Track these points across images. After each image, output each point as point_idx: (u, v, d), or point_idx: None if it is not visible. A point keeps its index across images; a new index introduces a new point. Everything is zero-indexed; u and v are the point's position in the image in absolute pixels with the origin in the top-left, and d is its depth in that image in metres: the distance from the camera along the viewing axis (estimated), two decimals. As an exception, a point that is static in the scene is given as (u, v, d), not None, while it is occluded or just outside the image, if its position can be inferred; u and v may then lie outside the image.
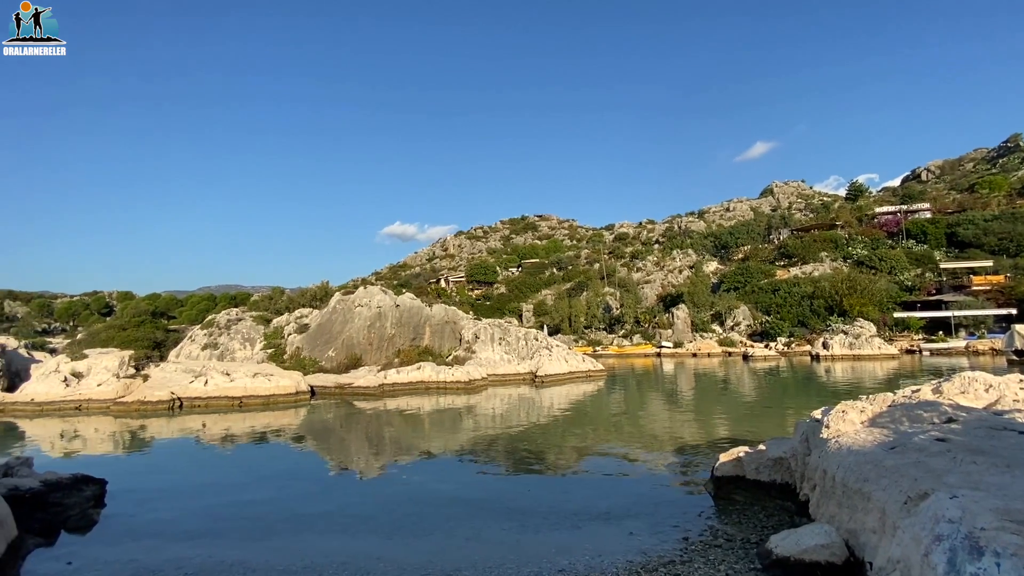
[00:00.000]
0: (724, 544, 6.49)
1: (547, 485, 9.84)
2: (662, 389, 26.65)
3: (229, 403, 21.96)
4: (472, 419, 18.42)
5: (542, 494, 9.19)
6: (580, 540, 6.87)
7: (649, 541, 6.75)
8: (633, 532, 7.10)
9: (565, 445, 13.61)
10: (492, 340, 32.76)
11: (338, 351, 31.73)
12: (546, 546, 6.70)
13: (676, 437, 14.11)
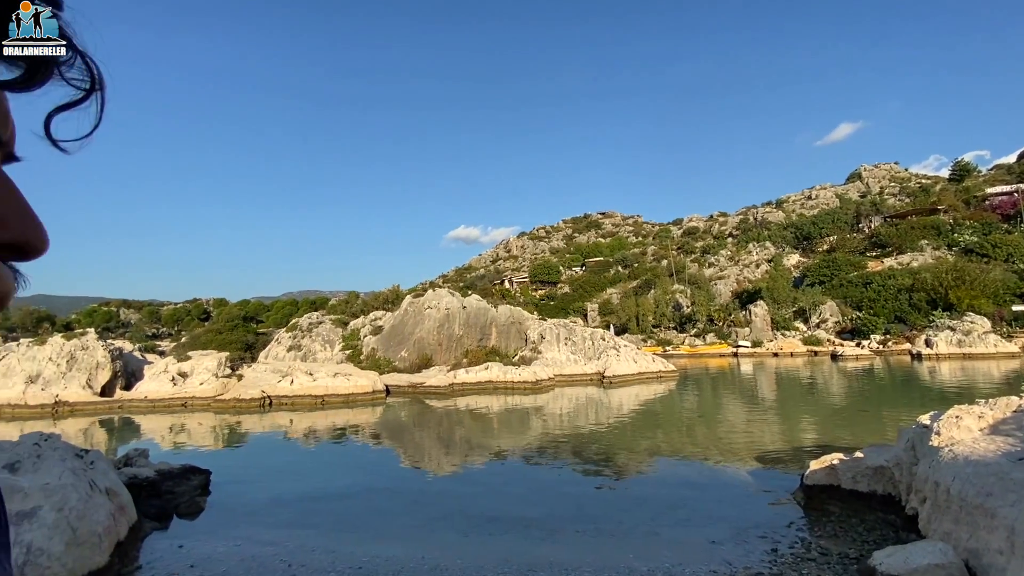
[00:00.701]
0: (819, 558, 6.02)
1: (620, 488, 9.62)
2: (740, 391, 25.29)
3: (313, 401, 23.38)
4: (540, 419, 18.41)
5: (615, 497, 8.99)
6: (658, 547, 6.64)
7: (733, 551, 6.40)
8: (715, 541, 6.77)
9: (636, 448, 13.26)
10: (558, 340, 32.62)
11: (410, 351, 32.90)
12: (623, 551, 6.54)
13: (757, 442, 13.32)
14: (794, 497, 8.49)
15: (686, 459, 11.76)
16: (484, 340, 34.03)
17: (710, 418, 17.53)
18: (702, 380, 30.34)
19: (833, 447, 11.74)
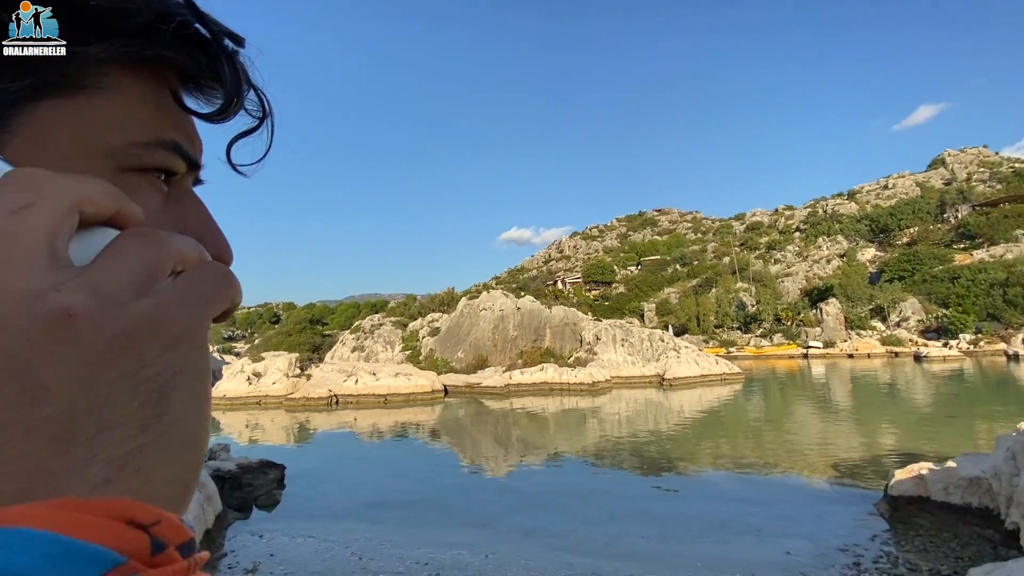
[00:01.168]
0: (907, 574, 5.62)
1: (684, 494, 9.36)
2: (812, 394, 23.91)
3: (376, 400, 24.30)
4: (597, 421, 18.21)
5: (680, 503, 8.76)
6: (730, 555, 6.41)
7: (811, 564, 6.08)
8: (791, 552, 6.45)
9: (700, 452, 12.84)
10: (614, 341, 32.13)
11: (466, 352, 33.50)
12: (691, 559, 6.37)
13: (833, 449, 12.54)
14: (877, 508, 7.95)
15: (754, 466, 11.27)
16: (538, 341, 34.08)
17: (779, 423, 16.68)
18: (769, 383, 28.93)
19: (919, 456, 10.86)
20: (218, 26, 0.32)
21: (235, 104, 0.34)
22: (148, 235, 0.24)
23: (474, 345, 33.72)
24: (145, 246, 0.23)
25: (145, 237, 0.24)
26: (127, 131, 0.29)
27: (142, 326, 0.22)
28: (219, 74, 0.33)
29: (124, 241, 0.23)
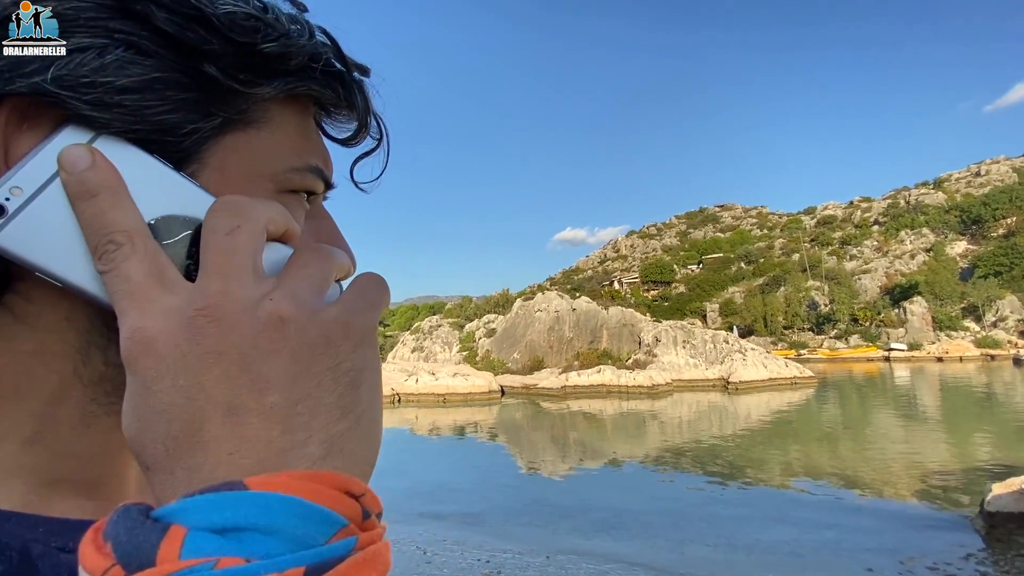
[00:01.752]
0: (1008, 600, 5.15)
1: (752, 503, 9.01)
2: (894, 400, 22.22)
3: (436, 399, 25.01)
4: (658, 426, 17.82)
5: (748, 512, 8.45)
6: (804, 569, 6.14)
7: (895, 582, 5.71)
8: (873, 569, 6.08)
9: (768, 460, 12.29)
10: (675, 343, 31.26)
11: (522, 353, 33.74)
12: (761, 569, 6.15)
13: (920, 459, 11.63)
14: (972, 525, 7.32)
15: (830, 475, 10.66)
16: (595, 343, 33.75)
17: (858, 431, 15.65)
18: (846, 388, 27.16)
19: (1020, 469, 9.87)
20: (351, 60, 0.37)
21: (365, 130, 0.39)
22: (321, 250, 0.29)
23: (530, 346, 33.89)
24: (321, 260, 0.28)
25: (319, 252, 0.29)
26: (284, 158, 0.34)
27: (336, 328, 0.25)
28: (353, 103, 0.37)
29: (306, 256, 0.28)
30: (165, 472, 0.23)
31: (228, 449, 0.23)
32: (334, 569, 0.20)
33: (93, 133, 0.27)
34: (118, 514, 0.21)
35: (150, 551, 0.19)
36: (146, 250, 0.26)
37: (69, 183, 0.26)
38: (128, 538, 0.20)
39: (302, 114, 0.36)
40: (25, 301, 0.29)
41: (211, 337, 0.24)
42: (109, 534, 0.21)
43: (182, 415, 0.23)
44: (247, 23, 0.30)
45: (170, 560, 0.19)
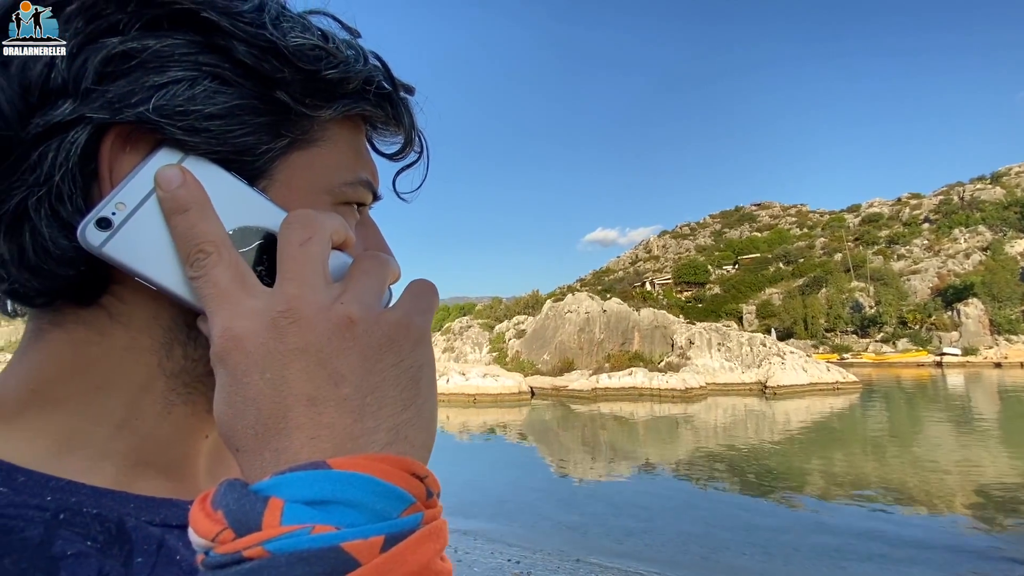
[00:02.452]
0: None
1: (789, 511, 8.66)
2: (947, 408, 21.02)
3: (466, 399, 25.14)
4: (691, 430, 17.39)
5: (785, 520, 8.12)
6: (845, 582, 5.83)
7: (949, 601, 5.35)
8: (923, 586, 5.72)
9: (808, 468, 11.80)
10: (709, 346, 30.49)
11: (552, 355, 33.56)
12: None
13: (975, 472, 10.94)
14: (1036, 545, 6.81)
15: (875, 486, 10.15)
16: (626, 344, 33.26)
17: (906, 440, 14.86)
18: (894, 394, 25.90)
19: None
20: (399, 81, 0.41)
21: (410, 145, 0.43)
22: (378, 258, 0.33)
23: (560, 348, 33.67)
24: (379, 266, 0.32)
25: (377, 260, 0.32)
26: (339, 173, 0.38)
27: (398, 330, 0.29)
28: (400, 121, 0.41)
29: (366, 263, 0.32)
30: (255, 454, 0.26)
31: (310, 434, 0.26)
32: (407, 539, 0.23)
33: (182, 154, 0.31)
34: (225, 487, 0.25)
35: (256, 518, 0.23)
36: (230, 258, 0.30)
37: (164, 199, 0.30)
38: (237, 507, 0.24)
39: (355, 132, 0.40)
40: (119, 302, 0.34)
41: (292, 336, 0.27)
42: (219, 503, 0.24)
43: (269, 404, 0.26)
44: (312, 52, 0.34)
45: (273, 526, 0.23)
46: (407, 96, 0.42)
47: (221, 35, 0.32)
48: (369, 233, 0.42)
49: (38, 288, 0.32)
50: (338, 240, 0.32)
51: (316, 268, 0.29)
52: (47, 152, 0.30)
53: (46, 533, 0.29)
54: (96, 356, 0.34)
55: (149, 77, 0.30)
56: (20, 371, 0.34)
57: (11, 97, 0.29)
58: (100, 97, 0.30)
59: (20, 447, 0.32)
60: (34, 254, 0.30)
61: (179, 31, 0.31)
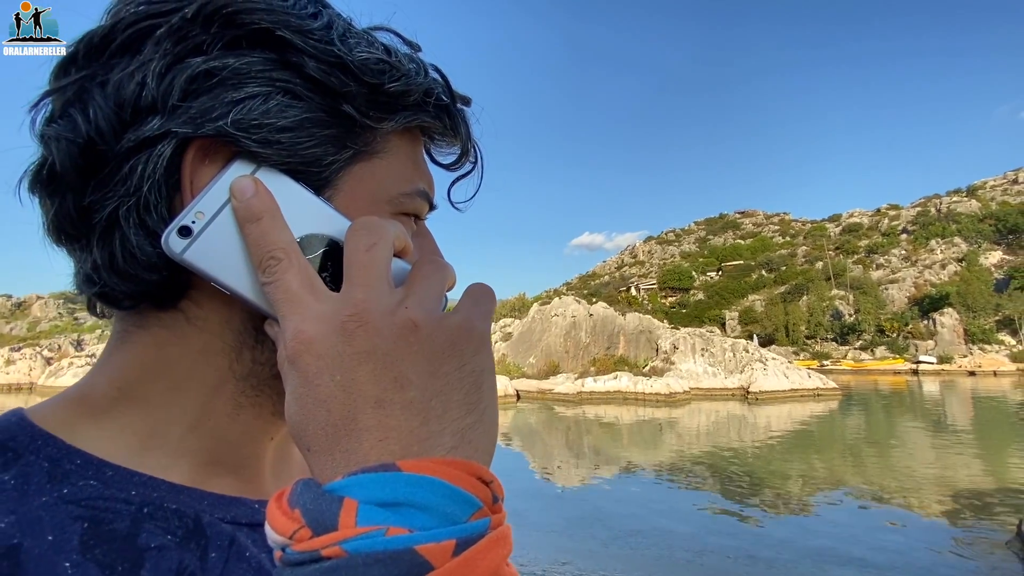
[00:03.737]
0: (1050, 629, 4.87)
1: (772, 516, 8.75)
2: (923, 415, 21.51)
3: (450, 402, 25.00)
4: (675, 435, 17.52)
5: (769, 525, 8.21)
6: (826, 586, 5.91)
7: (926, 604, 5.45)
8: (901, 590, 5.82)
9: (789, 473, 11.96)
10: (693, 351, 30.78)
11: (538, 358, 33.59)
12: (782, 585, 5.94)
13: (949, 477, 11.20)
14: (1009, 548, 6.98)
15: (853, 492, 10.32)
16: (612, 348, 33.42)
17: (884, 446, 15.16)
18: (871, 400, 26.42)
19: (1064, 492, 9.43)
20: (457, 93, 0.41)
21: (467, 155, 0.43)
22: (437, 263, 0.33)
23: (546, 351, 33.71)
24: (439, 271, 0.32)
25: (437, 265, 0.33)
26: (399, 183, 0.38)
27: (460, 334, 0.29)
28: (457, 132, 0.41)
29: (427, 269, 0.32)
30: (326, 454, 0.27)
31: (378, 436, 0.26)
32: (477, 544, 0.23)
33: (255, 165, 0.33)
34: (301, 486, 0.25)
35: (332, 518, 0.23)
36: (300, 264, 0.30)
37: (238, 209, 0.31)
38: (314, 506, 0.24)
39: (414, 143, 0.40)
40: (196, 306, 0.35)
41: (360, 339, 0.27)
42: (296, 502, 0.24)
43: (339, 406, 0.27)
44: (377, 67, 0.35)
45: (349, 526, 0.23)
46: (464, 108, 0.42)
47: (294, 52, 0.33)
48: (425, 243, 0.42)
49: (125, 292, 0.33)
50: (399, 247, 0.33)
51: (381, 273, 0.30)
52: (137, 165, 0.32)
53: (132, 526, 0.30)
54: (174, 358, 0.35)
55: (228, 93, 0.32)
56: (108, 370, 0.36)
57: (107, 115, 0.31)
58: (184, 113, 0.31)
59: (108, 443, 0.34)
60: (123, 260, 0.32)
61: (256, 49, 0.33)
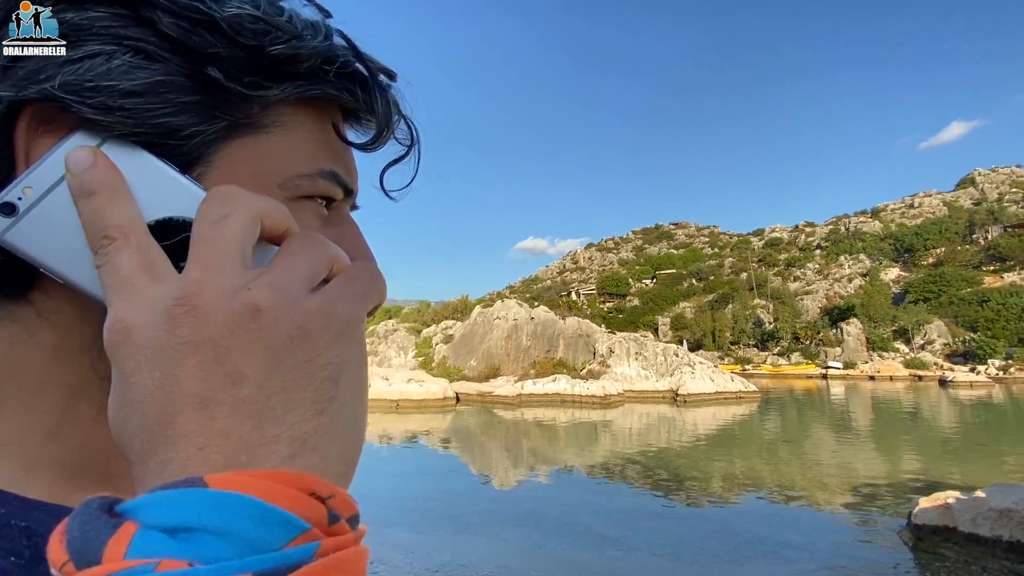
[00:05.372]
0: (933, 608, 5.39)
1: (696, 514, 9.18)
2: (830, 416, 23.37)
3: (388, 405, 24.36)
4: (609, 435, 18.00)
5: (693, 522, 8.59)
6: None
7: (830, 590, 5.89)
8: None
9: (713, 472, 12.60)
10: (628, 355, 31.83)
11: (479, 361, 33.47)
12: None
13: (852, 473, 12.22)
14: (900, 537, 7.69)
15: (769, 488, 11.02)
16: (551, 352, 33.91)
17: (796, 445, 16.32)
18: (786, 403, 28.37)
19: (945, 484, 10.51)
20: (374, 63, 0.36)
21: (385, 134, 0.37)
22: (311, 236, 0.28)
23: (487, 354, 33.67)
24: (310, 247, 0.27)
25: (309, 240, 0.27)
26: (295, 163, 0.33)
27: (314, 320, 0.24)
28: (373, 108, 0.35)
29: (293, 243, 0.27)
30: (142, 466, 0.22)
31: (198, 444, 0.22)
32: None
33: (101, 138, 0.28)
34: (80, 506, 0.20)
35: (99, 548, 0.18)
36: (139, 244, 0.26)
37: (71, 183, 0.27)
38: (80, 533, 0.19)
39: (319, 119, 0.35)
40: (46, 297, 0.30)
41: (186, 327, 0.23)
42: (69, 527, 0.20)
43: (155, 407, 0.22)
44: (255, 26, 0.30)
45: (115, 559, 0.18)
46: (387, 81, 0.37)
47: (148, 6, 0.29)
48: (344, 234, 0.36)
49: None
50: (275, 228, 0.27)
51: (229, 250, 0.25)
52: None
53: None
54: (27, 356, 0.30)
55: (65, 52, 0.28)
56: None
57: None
58: (13, 75, 0.27)
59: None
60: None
61: (104, 4, 0.28)
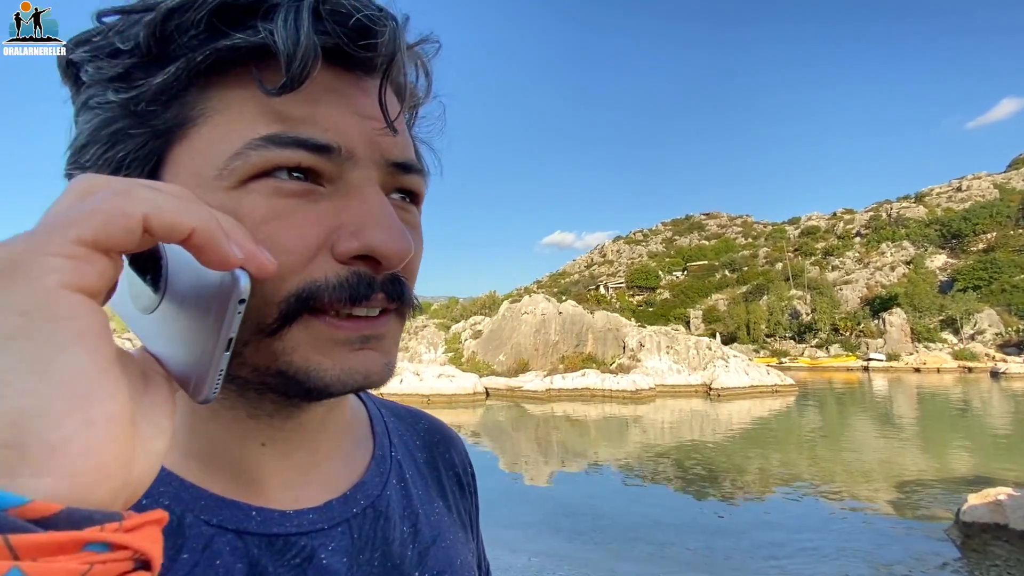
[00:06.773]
0: (983, 608, 5.18)
1: (732, 509, 9.03)
2: (873, 410, 22.55)
3: (420, 400, 24.75)
4: (640, 430, 17.85)
5: (728, 517, 8.46)
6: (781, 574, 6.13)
7: (872, 589, 5.73)
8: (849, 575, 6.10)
9: (749, 467, 12.35)
10: (659, 348, 31.42)
11: (507, 356, 33.63)
12: (740, 572, 6.14)
13: (896, 469, 11.79)
14: (947, 534, 7.39)
15: (808, 483, 10.75)
16: (580, 346, 33.77)
17: (837, 439, 15.83)
18: (825, 397, 27.50)
19: (996, 480, 10.04)
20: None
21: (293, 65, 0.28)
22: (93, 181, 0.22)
23: (515, 349, 33.79)
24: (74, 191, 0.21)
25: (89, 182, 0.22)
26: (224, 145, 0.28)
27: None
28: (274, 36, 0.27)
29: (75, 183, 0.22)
30: None
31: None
32: None
33: None
34: None
35: None
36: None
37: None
38: None
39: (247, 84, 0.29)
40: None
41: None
42: None
43: None
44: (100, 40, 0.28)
45: None
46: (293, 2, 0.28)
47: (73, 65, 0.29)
48: (347, 205, 0.31)
49: None
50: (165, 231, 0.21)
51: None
52: None
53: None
54: None
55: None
56: None
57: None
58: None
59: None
60: None
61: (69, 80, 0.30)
